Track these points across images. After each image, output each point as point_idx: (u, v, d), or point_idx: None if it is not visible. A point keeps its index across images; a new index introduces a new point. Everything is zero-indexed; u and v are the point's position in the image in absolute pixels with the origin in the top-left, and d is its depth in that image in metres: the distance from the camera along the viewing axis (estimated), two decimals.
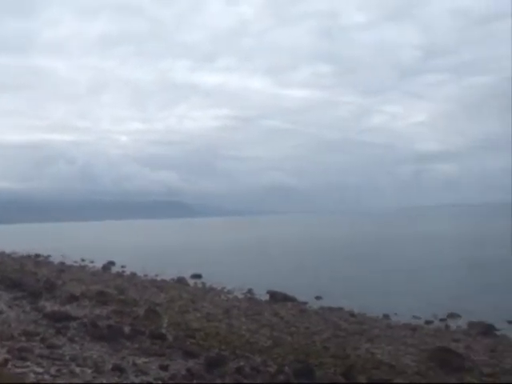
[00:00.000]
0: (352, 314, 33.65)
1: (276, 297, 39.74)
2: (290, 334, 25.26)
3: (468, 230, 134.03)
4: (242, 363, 17.83)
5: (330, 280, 51.10)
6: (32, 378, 14.95)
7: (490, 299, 38.38)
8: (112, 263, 68.44)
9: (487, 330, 28.78)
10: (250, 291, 43.98)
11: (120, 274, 56.78)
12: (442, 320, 32.79)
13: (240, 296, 42.05)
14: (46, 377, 15.32)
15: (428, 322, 32.09)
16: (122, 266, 65.00)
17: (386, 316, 33.55)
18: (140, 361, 17.79)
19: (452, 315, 33.74)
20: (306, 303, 38.86)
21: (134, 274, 56.43)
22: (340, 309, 35.87)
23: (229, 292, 44.41)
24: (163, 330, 23.28)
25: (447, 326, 30.99)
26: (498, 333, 28.69)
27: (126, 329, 22.31)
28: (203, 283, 49.90)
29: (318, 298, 41.18)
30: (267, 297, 40.41)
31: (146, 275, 55.41)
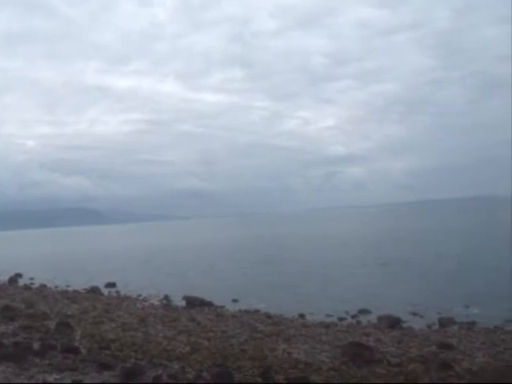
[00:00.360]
0: (268, 316, 34.16)
1: (193, 302, 39.43)
2: (207, 339, 25.17)
3: (374, 230, 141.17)
4: (159, 372, 17.49)
5: (246, 283, 51.63)
6: None
7: (397, 294, 40.71)
8: (19, 275, 64.77)
9: (394, 322, 30.45)
10: (166, 298, 43.29)
11: (28, 287, 53.53)
12: (353, 316, 34.24)
13: (156, 303, 41.29)
14: None
15: (341, 319, 33.35)
16: (31, 278, 61.71)
17: (302, 316, 34.42)
18: (51, 378, 16.84)
19: (363, 311, 35.32)
20: (222, 307, 38.90)
21: (43, 286, 53.51)
22: (256, 311, 36.31)
23: (144, 300, 43.46)
24: (76, 343, 22.26)
25: (358, 322, 32.39)
26: (404, 325, 30.47)
27: (36, 344, 21.04)
28: (117, 292, 48.46)
29: (234, 301, 41.43)
30: (184, 303, 39.99)
31: (56, 286, 52.90)
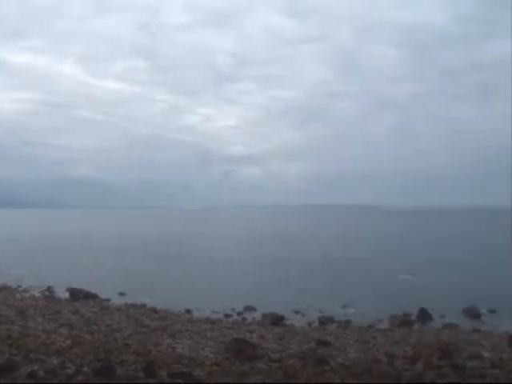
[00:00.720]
0: (155, 310, 33.84)
1: (77, 294, 37.95)
2: (90, 333, 24.40)
3: (267, 230, 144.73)
4: (35, 367, 16.61)
5: (134, 276, 50.59)
6: None
7: (282, 293, 42.19)
8: None
9: (278, 320, 31.62)
10: (49, 289, 41.25)
11: None
12: (239, 313, 34.97)
13: (37, 295, 39.20)
14: None
15: (227, 316, 33.92)
16: None
17: (188, 311, 34.50)
18: None
19: (248, 308, 36.19)
20: (108, 300, 37.89)
21: None
22: (143, 305, 35.79)
23: (25, 291, 41.09)
24: None
25: (244, 319, 33.16)
26: (286, 322, 31.78)
27: None
28: None
29: (121, 294, 40.48)
30: (67, 295, 38.39)
31: None
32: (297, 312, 35.28)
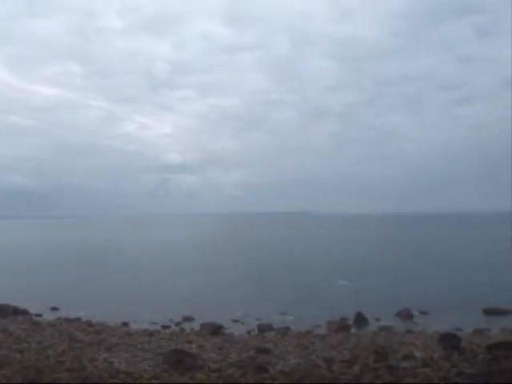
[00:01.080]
0: (90, 324, 32.75)
1: (4, 311, 35.99)
2: (20, 352, 23.20)
3: (203, 238, 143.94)
4: None
5: (68, 289, 48.73)
6: None
7: (220, 302, 42.03)
8: None
9: (217, 329, 31.44)
10: None
11: None
12: (177, 324, 34.51)
13: None
14: None
15: (165, 327, 33.36)
16: None
17: (125, 324, 33.66)
18: None
19: (187, 318, 35.79)
20: (39, 315, 36.30)
21: None
22: (77, 319, 34.57)
23: None
24: None
25: (182, 329, 32.73)
26: (225, 331, 31.68)
27: None
28: None
29: (53, 309, 38.91)
30: None
31: None
32: (235, 321, 35.26)
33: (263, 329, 32.35)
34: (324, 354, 23.87)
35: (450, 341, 24.82)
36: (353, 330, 32.21)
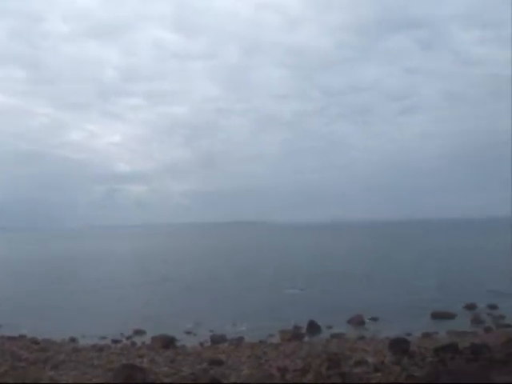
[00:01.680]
0: (35, 341, 31.44)
1: None
2: None
3: (152, 250, 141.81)
4: None
5: (11, 305, 46.73)
6: None
7: (171, 314, 41.35)
8: None
9: (169, 342, 30.88)
10: None
11: None
12: (128, 338, 33.72)
13: None
14: None
15: (115, 341, 32.52)
16: None
17: (73, 339, 32.59)
18: None
19: (138, 332, 35.04)
20: None
21: None
22: (22, 336, 33.18)
23: None
24: None
25: (133, 343, 32.00)
26: (178, 344, 31.20)
27: None
28: None
29: None
30: None
31: None
32: (188, 332, 34.88)
33: (216, 340, 32.12)
34: (277, 364, 23.90)
35: (399, 345, 25.43)
36: (306, 339, 32.46)
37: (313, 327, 34.63)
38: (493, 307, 39.82)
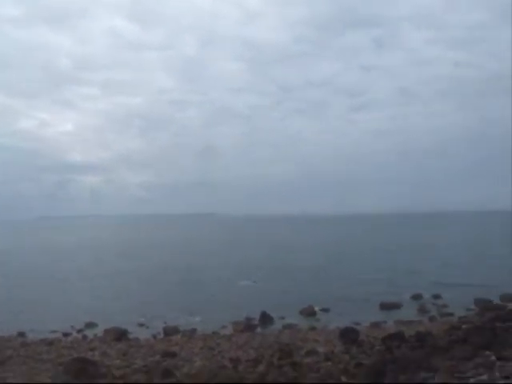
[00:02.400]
0: None
1: None
2: None
3: (103, 241, 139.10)
4: None
5: None
6: None
7: (123, 306, 40.82)
8: None
9: (121, 335, 30.54)
10: None
11: None
12: (79, 331, 33.06)
13: None
14: None
15: (66, 335, 31.84)
16: None
17: (22, 334, 31.66)
18: None
19: (89, 325, 34.41)
20: None
21: None
22: None
23: None
24: None
25: (85, 336, 31.43)
26: (130, 336, 30.89)
27: None
28: None
29: None
30: None
31: None
32: (141, 325, 34.54)
33: (169, 332, 31.98)
34: (230, 355, 24.14)
35: (349, 335, 26.18)
36: (258, 330, 32.80)
37: (265, 318, 34.95)
38: (437, 297, 41.44)
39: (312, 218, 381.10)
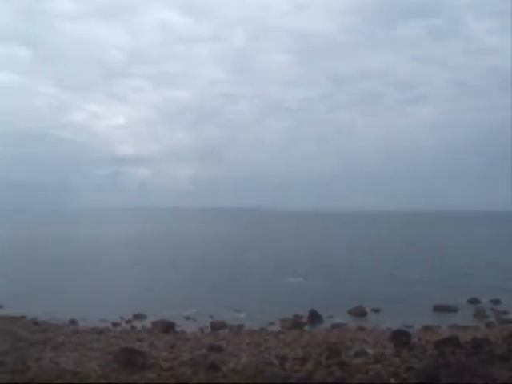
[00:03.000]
0: (35, 322, 31.90)
1: None
2: None
3: (153, 233, 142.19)
4: None
5: (13, 285, 47.30)
6: None
7: (171, 299, 41.69)
8: None
9: (168, 327, 31.25)
10: None
11: None
12: (128, 321, 34.04)
13: None
14: None
15: (115, 325, 32.86)
16: None
17: (73, 321, 32.95)
18: None
19: (138, 316, 35.35)
20: None
21: None
22: (22, 317, 33.56)
23: None
24: None
25: (133, 327, 32.34)
26: (177, 329, 31.53)
27: None
28: None
29: None
30: None
31: None
32: (188, 318, 35.16)
33: (216, 326, 32.40)
34: (277, 352, 24.16)
35: (400, 337, 25.63)
36: (306, 328, 32.72)
37: (314, 316, 34.82)
38: (496, 302, 39.96)
39: (362, 214, 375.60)
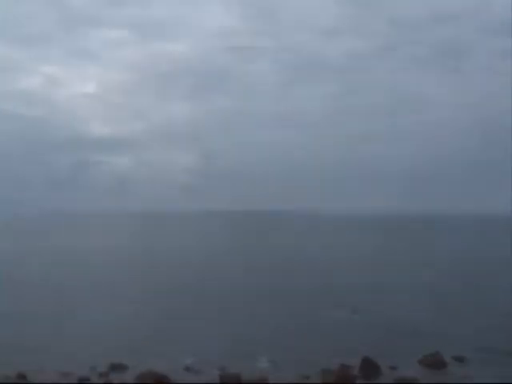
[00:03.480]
0: None
1: None
2: None
3: (136, 246, 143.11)
4: None
5: None
6: None
7: (163, 339, 41.39)
8: None
9: (160, 382, 30.89)
10: None
11: None
12: (102, 374, 33.60)
13: None
14: None
15: (82, 380, 32.43)
16: None
17: (22, 376, 32.66)
18: None
19: (116, 367, 34.92)
20: None
21: None
22: None
23: None
24: None
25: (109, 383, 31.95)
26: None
27: None
28: None
29: None
30: None
31: None
32: (188, 369, 34.90)
33: (228, 381, 31.94)
34: None
35: None
36: (358, 382, 32.02)
37: (369, 367, 34.14)
38: None
39: (432, 218, 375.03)
